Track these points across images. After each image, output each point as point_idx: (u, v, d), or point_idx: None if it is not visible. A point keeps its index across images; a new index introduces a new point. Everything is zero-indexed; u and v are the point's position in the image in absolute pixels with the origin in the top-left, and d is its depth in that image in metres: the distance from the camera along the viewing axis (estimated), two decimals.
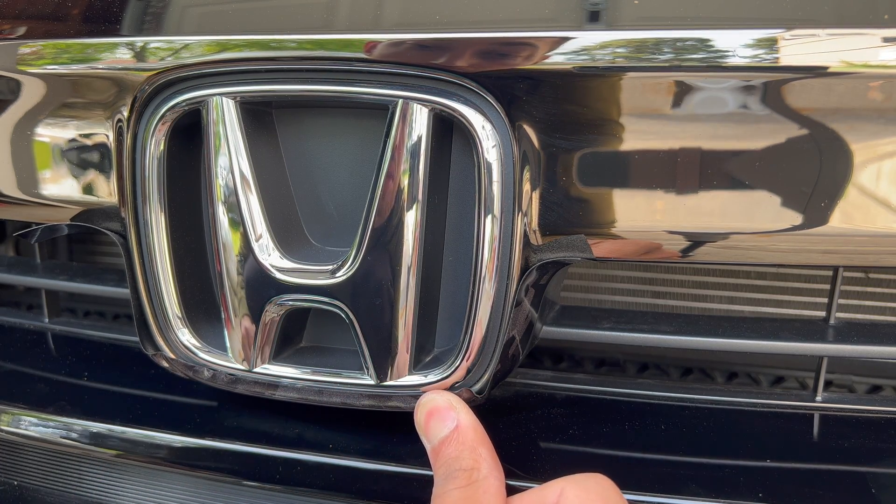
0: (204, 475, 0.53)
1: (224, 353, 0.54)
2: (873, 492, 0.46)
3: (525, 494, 0.43)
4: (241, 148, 0.49)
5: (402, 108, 0.46)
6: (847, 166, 0.42)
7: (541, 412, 0.55)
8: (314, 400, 0.53)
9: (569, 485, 0.41)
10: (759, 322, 0.56)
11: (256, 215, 0.50)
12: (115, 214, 0.55)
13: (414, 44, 0.45)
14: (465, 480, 0.42)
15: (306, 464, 0.51)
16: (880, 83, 0.41)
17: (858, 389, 0.61)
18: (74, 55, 0.52)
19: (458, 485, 0.42)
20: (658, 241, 0.46)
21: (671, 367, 0.65)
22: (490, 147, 0.45)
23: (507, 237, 0.47)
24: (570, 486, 0.41)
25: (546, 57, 0.43)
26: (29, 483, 0.58)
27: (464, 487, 0.42)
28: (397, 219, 0.47)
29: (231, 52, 0.48)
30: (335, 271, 0.49)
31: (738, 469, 0.48)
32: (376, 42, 0.45)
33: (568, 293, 0.68)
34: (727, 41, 0.41)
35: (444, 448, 0.45)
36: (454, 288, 0.51)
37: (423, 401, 0.48)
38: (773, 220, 0.44)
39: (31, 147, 0.56)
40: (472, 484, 0.42)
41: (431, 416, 0.47)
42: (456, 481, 0.42)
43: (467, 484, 0.42)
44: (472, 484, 0.42)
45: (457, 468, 0.43)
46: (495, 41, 0.44)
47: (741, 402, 0.56)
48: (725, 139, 0.43)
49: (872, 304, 0.62)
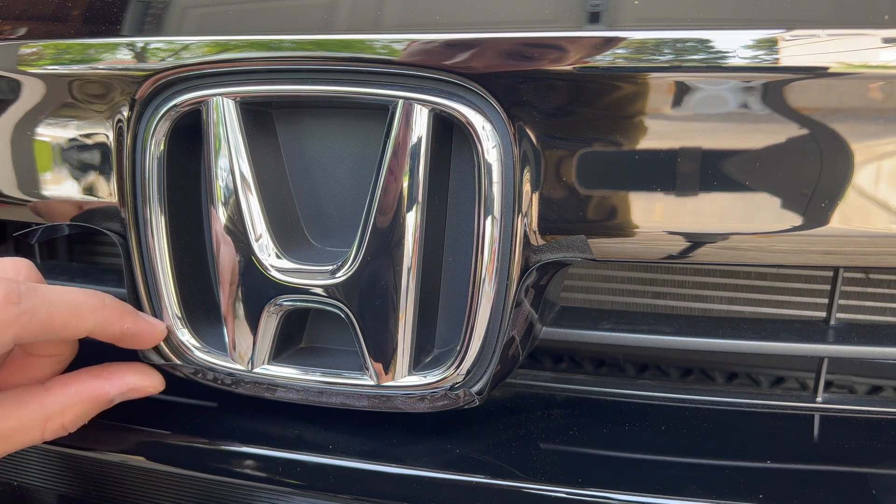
0: (203, 476, 0.53)
1: (224, 353, 0.54)
2: (874, 493, 0.46)
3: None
4: (241, 148, 0.49)
5: (403, 108, 0.46)
6: (847, 167, 0.42)
7: (541, 413, 0.55)
8: (314, 400, 0.53)
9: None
10: (760, 323, 0.56)
11: (256, 216, 0.50)
12: (115, 214, 0.55)
13: (414, 44, 0.45)
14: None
15: (306, 465, 0.51)
16: (880, 84, 0.41)
17: (859, 390, 0.61)
18: (75, 55, 0.52)
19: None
20: (658, 241, 0.46)
21: (671, 368, 0.65)
22: (490, 148, 0.45)
23: (507, 238, 0.47)
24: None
25: (546, 58, 0.43)
26: (29, 483, 0.58)
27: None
28: (397, 219, 0.47)
29: (231, 52, 0.48)
30: (335, 272, 0.49)
31: (738, 470, 0.48)
32: (376, 42, 0.45)
33: (568, 294, 0.68)
34: (727, 42, 0.41)
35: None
36: (454, 288, 0.51)
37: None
38: (773, 221, 0.44)
39: (31, 147, 0.56)
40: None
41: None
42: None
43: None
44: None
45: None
46: (496, 42, 0.44)
47: (741, 402, 0.56)
48: (725, 140, 0.43)
49: (873, 305, 0.62)
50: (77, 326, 0.46)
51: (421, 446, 0.51)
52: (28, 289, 0.43)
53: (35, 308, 0.43)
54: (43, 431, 0.48)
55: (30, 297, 0.43)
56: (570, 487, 0.47)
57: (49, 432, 0.48)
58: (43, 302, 0.43)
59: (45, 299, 0.43)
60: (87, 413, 0.50)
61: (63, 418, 0.49)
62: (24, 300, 0.42)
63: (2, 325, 0.41)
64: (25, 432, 0.47)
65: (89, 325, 0.46)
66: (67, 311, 0.45)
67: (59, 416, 0.48)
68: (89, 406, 0.50)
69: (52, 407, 0.48)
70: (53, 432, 0.48)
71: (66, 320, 0.45)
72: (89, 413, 0.50)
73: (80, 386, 0.50)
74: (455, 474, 0.48)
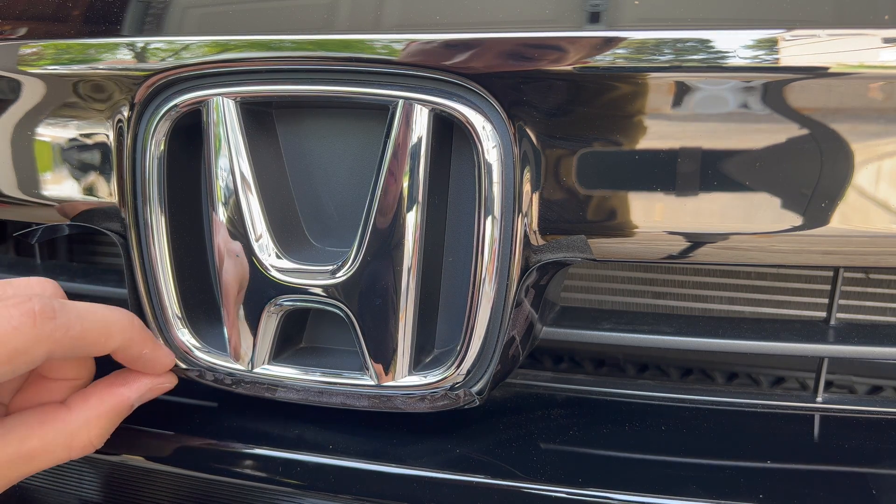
0: (203, 476, 0.53)
1: (224, 353, 0.54)
2: (874, 493, 0.46)
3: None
4: (242, 148, 0.49)
5: (403, 108, 0.46)
6: (848, 167, 0.42)
7: (541, 413, 0.55)
8: (314, 401, 0.53)
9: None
10: (760, 323, 0.56)
11: (256, 216, 0.50)
12: (115, 214, 0.55)
13: (414, 44, 0.45)
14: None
15: (306, 465, 0.51)
16: (881, 84, 0.41)
17: (859, 390, 0.61)
18: (75, 55, 0.52)
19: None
20: (658, 241, 0.46)
21: (671, 368, 0.65)
22: (490, 148, 0.45)
23: (507, 238, 0.47)
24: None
25: (546, 58, 0.43)
26: (29, 483, 0.58)
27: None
28: (397, 219, 0.47)
29: (231, 52, 0.48)
30: (335, 272, 0.49)
31: (738, 470, 0.48)
32: (376, 42, 0.45)
33: (568, 294, 0.68)
34: (727, 42, 0.41)
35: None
36: (454, 288, 0.51)
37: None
38: (773, 221, 0.44)
39: (31, 147, 0.56)
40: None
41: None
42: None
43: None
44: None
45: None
46: (496, 42, 0.44)
47: (741, 402, 0.56)
48: (725, 140, 0.43)
49: (873, 305, 0.62)
50: (105, 343, 0.46)
51: (421, 446, 0.51)
52: (61, 305, 0.43)
53: (69, 323, 0.43)
54: (69, 449, 0.47)
55: (64, 312, 0.42)
56: (570, 487, 0.47)
57: (76, 450, 0.47)
58: (76, 318, 0.43)
59: (78, 315, 0.43)
60: (111, 424, 0.49)
61: (89, 433, 0.48)
62: (58, 315, 0.42)
63: (37, 340, 0.41)
64: (50, 451, 0.46)
65: (116, 343, 0.46)
66: (99, 327, 0.45)
67: (84, 432, 0.48)
68: (113, 416, 0.49)
69: (75, 423, 0.47)
70: (81, 449, 0.48)
71: (97, 337, 0.45)
72: (113, 423, 0.50)
73: (100, 397, 0.49)
74: (455, 474, 0.48)
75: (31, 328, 0.40)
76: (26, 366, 0.41)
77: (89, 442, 0.48)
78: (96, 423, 0.48)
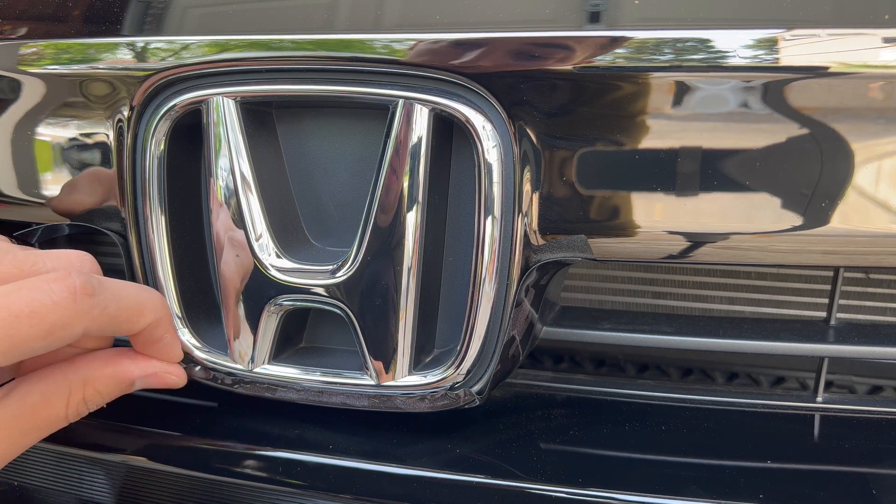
0: (203, 476, 0.53)
1: (224, 353, 0.54)
2: (874, 493, 0.46)
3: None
4: (242, 148, 0.49)
5: (403, 108, 0.46)
6: (848, 166, 0.42)
7: (541, 413, 0.55)
8: (314, 400, 0.53)
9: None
10: (760, 323, 0.56)
11: (256, 215, 0.50)
12: (115, 214, 0.55)
13: (414, 44, 0.45)
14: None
15: (306, 465, 0.51)
16: (881, 83, 0.41)
17: (859, 390, 0.61)
18: (75, 55, 0.52)
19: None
20: (658, 241, 0.46)
21: (671, 368, 0.65)
22: (490, 147, 0.46)
23: (507, 237, 0.47)
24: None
25: (547, 57, 0.43)
26: (29, 483, 0.58)
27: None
28: (398, 219, 0.47)
29: (231, 52, 0.48)
30: (335, 271, 0.49)
31: (738, 470, 0.48)
32: (377, 42, 0.45)
33: (568, 293, 0.68)
34: (727, 41, 0.41)
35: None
36: (454, 288, 0.51)
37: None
38: (773, 221, 0.44)
39: (31, 147, 0.56)
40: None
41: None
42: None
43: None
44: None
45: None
46: (496, 42, 0.44)
47: (741, 402, 0.56)
48: (726, 139, 0.43)
49: (873, 305, 0.62)
50: (137, 322, 0.46)
51: (421, 446, 0.51)
52: (100, 282, 0.43)
53: (107, 301, 0.43)
54: (67, 406, 0.47)
55: (102, 290, 0.42)
56: (570, 487, 0.47)
57: (72, 407, 0.47)
58: (113, 296, 0.43)
59: (115, 293, 0.44)
60: (108, 390, 0.49)
61: (85, 391, 0.47)
62: (97, 293, 0.42)
63: (77, 316, 0.41)
64: (50, 406, 0.46)
65: (147, 322, 0.47)
66: (134, 305, 0.45)
67: (80, 388, 0.47)
68: (111, 382, 0.49)
69: (75, 377, 0.47)
70: (76, 407, 0.47)
71: (131, 315, 0.45)
72: (111, 391, 0.49)
73: (104, 360, 0.49)
74: (455, 474, 0.48)
75: (71, 304, 0.40)
76: (63, 341, 0.41)
77: (82, 400, 0.48)
78: (93, 384, 0.48)
